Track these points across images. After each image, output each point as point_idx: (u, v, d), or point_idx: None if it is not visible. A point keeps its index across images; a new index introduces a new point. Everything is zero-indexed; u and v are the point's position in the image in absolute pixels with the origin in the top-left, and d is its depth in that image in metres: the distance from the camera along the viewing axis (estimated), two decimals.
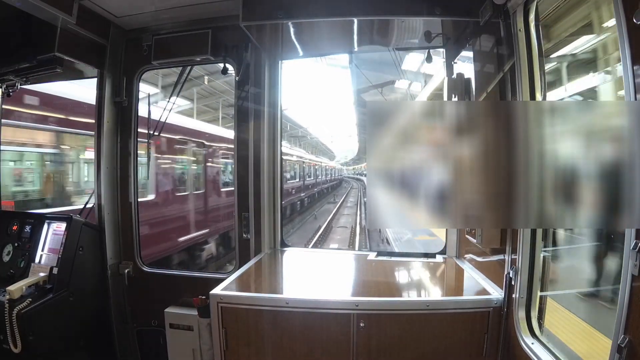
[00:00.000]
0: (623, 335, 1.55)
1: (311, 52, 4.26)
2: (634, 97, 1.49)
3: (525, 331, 2.41)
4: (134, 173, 3.96)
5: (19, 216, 3.68)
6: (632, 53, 1.50)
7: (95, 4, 3.30)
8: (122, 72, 3.87)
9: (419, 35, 3.51)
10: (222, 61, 3.70)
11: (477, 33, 3.03)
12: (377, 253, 3.88)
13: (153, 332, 3.89)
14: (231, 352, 2.73)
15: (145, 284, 3.93)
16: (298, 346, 2.66)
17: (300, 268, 3.82)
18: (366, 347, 2.59)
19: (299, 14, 3.04)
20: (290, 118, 30.74)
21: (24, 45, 3.34)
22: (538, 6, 2.41)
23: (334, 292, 2.96)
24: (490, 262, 3.01)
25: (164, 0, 3.35)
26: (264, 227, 3.81)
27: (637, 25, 1.44)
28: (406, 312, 2.61)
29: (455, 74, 3.41)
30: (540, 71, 2.41)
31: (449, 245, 3.77)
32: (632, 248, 1.51)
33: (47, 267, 3.23)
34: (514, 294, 2.48)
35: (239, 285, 3.00)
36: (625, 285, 1.55)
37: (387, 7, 2.95)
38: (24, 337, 2.87)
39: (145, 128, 4.14)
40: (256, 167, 3.76)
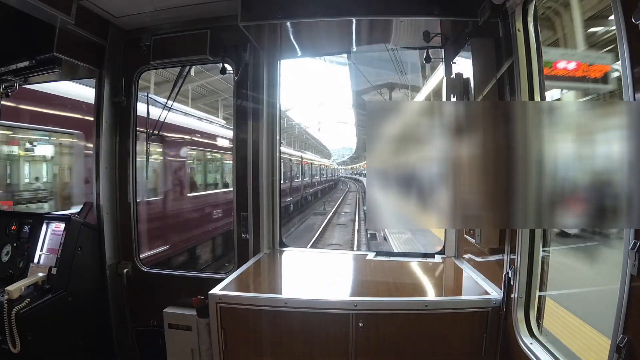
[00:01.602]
0: (622, 335, 1.55)
1: (310, 51, 4.26)
2: (632, 96, 1.50)
3: (524, 331, 2.41)
4: (132, 173, 3.96)
5: (17, 216, 3.68)
6: (631, 53, 1.50)
7: (94, 4, 3.30)
8: (120, 72, 3.87)
9: (418, 35, 3.51)
10: (220, 61, 3.69)
11: (476, 33, 3.03)
12: (376, 253, 3.88)
13: (152, 332, 3.88)
14: (230, 352, 2.73)
15: (144, 284, 3.93)
16: (297, 346, 2.66)
17: (299, 268, 3.82)
18: (365, 347, 2.59)
19: (297, 14, 3.04)
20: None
21: (23, 45, 3.34)
22: (537, 6, 2.42)
23: (333, 292, 2.96)
24: (489, 262, 3.02)
25: (163, 1, 3.35)
26: (263, 227, 3.81)
27: (636, 25, 1.44)
28: (405, 312, 2.61)
29: (454, 74, 3.41)
30: (539, 71, 2.41)
31: (448, 245, 3.77)
32: (631, 248, 1.51)
33: (45, 267, 3.22)
34: (513, 294, 2.48)
35: (237, 285, 3.00)
36: (624, 285, 1.55)
37: (386, 7, 2.95)
38: (23, 337, 2.86)
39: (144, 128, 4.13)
40: (255, 166, 3.76)
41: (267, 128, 3.86)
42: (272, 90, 3.95)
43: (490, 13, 2.59)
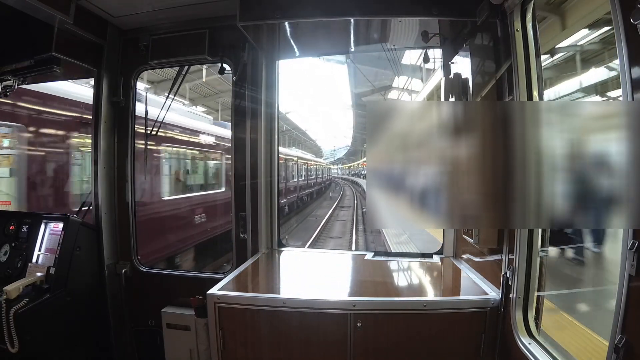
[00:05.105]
0: (620, 336, 1.55)
1: (308, 51, 4.26)
2: (631, 96, 1.50)
3: (522, 331, 2.41)
4: (131, 173, 3.96)
5: (16, 216, 3.67)
6: (630, 53, 1.50)
7: (92, 4, 3.30)
8: (119, 72, 3.86)
9: (416, 35, 3.51)
10: (219, 61, 3.70)
11: (474, 33, 3.03)
12: (375, 253, 3.88)
13: (150, 332, 3.88)
14: (228, 352, 2.73)
15: (143, 284, 3.92)
16: (295, 346, 2.66)
17: (297, 268, 3.82)
18: (363, 347, 2.59)
19: (295, 14, 3.04)
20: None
21: (22, 45, 3.33)
22: (535, 6, 2.42)
23: (331, 292, 2.96)
24: (487, 262, 3.02)
25: (161, 0, 3.35)
26: (261, 226, 3.81)
27: (635, 25, 1.44)
28: (403, 312, 2.61)
29: (452, 74, 3.41)
30: (537, 71, 2.41)
31: (446, 246, 3.77)
32: (629, 248, 1.51)
33: (44, 267, 3.22)
34: (511, 294, 2.48)
35: (236, 285, 3.00)
36: (622, 285, 1.55)
37: (384, 7, 2.95)
38: (21, 337, 2.85)
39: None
40: (253, 166, 3.76)
41: (266, 128, 3.87)
42: (271, 90, 3.95)
43: (489, 13, 2.59)
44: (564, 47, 5.15)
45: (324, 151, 64.33)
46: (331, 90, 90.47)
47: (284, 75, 23.24)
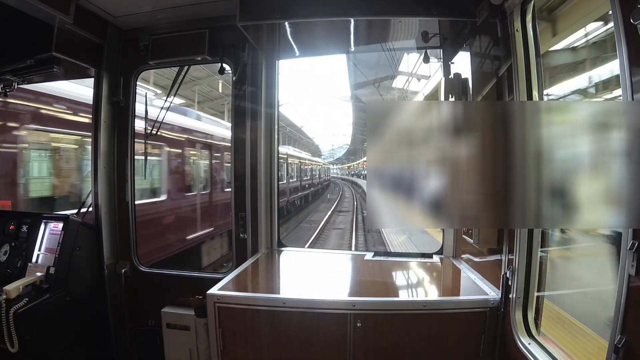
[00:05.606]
0: (620, 336, 1.55)
1: (308, 51, 4.26)
2: (631, 97, 1.50)
3: (522, 331, 2.41)
4: (131, 173, 3.96)
5: (16, 216, 3.67)
6: (629, 53, 1.50)
7: (92, 3, 3.30)
8: (119, 72, 3.86)
9: (416, 36, 3.51)
10: (219, 61, 3.70)
11: (474, 33, 3.03)
12: (374, 253, 3.88)
13: (150, 332, 3.88)
14: (228, 352, 2.73)
15: (142, 283, 3.92)
16: (295, 346, 2.66)
17: (297, 268, 3.82)
18: (363, 347, 2.59)
19: (295, 14, 3.04)
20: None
21: (22, 45, 3.33)
22: (535, 6, 2.42)
23: (331, 292, 2.96)
24: (487, 262, 3.02)
25: (161, 0, 3.35)
26: (261, 226, 3.81)
27: (635, 25, 1.44)
28: (403, 312, 2.61)
29: (452, 74, 3.41)
30: (538, 71, 2.41)
31: (446, 246, 3.77)
32: (629, 248, 1.51)
33: (44, 266, 3.22)
34: (511, 294, 2.48)
35: (235, 285, 3.00)
36: (622, 286, 1.55)
37: (384, 7, 2.95)
38: (21, 336, 2.86)
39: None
40: (253, 166, 3.76)
41: (265, 128, 3.86)
42: (271, 90, 3.95)
43: (489, 13, 2.59)
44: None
45: (323, 151, 64.24)
46: (329, 84, 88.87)
47: (282, 72, 23.10)
